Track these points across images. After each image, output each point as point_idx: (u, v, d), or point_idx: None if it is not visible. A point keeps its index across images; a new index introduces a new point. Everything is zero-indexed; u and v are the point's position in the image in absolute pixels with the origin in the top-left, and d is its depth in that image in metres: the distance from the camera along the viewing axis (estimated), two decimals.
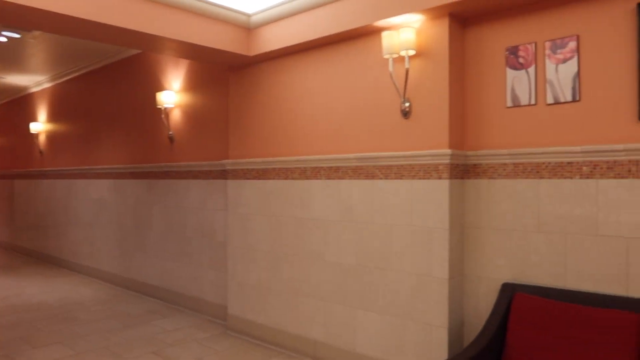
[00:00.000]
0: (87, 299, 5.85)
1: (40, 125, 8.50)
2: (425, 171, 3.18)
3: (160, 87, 5.73)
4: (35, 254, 8.75)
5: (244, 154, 4.50)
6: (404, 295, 3.28)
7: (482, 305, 3.13)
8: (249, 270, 4.42)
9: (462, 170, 3.20)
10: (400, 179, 3.32)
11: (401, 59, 3.29)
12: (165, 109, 5.57)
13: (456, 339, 3.14)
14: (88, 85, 7.28)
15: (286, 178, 4.10)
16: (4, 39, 5.84)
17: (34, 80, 8.30)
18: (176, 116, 5.55)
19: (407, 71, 3.22)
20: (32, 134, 8.64)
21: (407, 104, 3.28)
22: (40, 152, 8.58)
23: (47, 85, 8.36)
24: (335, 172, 3.73)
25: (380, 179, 3.43)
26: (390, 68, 3.28)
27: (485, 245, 3.12)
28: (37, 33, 5.60)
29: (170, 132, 5.58)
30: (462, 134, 3.23)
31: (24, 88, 8.92)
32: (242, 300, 4.48)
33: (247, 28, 4.15)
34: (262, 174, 4.30)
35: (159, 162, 5.81)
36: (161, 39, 3.71)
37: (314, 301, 3.86)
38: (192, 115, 5.34)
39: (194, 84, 5.32)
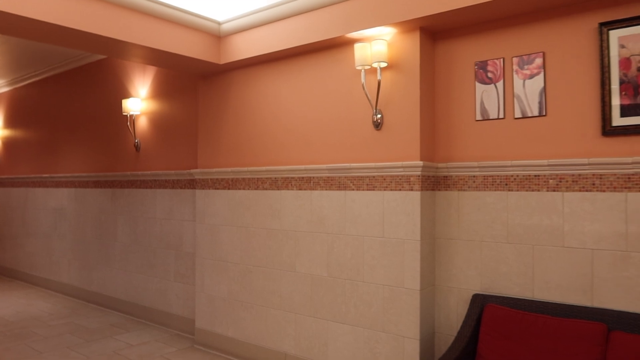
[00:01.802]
0: (45, 314, 5.61)
1: None
2: (397, 182, 3.20)
3: (126, 94, 5.59)
4: None
5: (213, 164, 4.43)
6: (376, 307, 3.28)
7: (453, 316, 3.16)
8: (218, 283, 4.33)
9: (433, 182, 3.23)
10: (372, 190, 3.32)
11: (373, 70, 3.31)
12: (131, 116, 5.43)
13: (427, 350, 3.15)
14: (49, 90, 7.04)
15: (257, 188, 4.05)
16: None
17: None
18: (142, 124, 5.42)
19: (379, 83, 3.24)
20: None
21: (379, 116, 3.30)
22: None
23: (4, 89, 8.03)
24: (306, 182, 3.71)
25: (352, 190, 3.43)
26: (363, 79, 3.30)
27: (456, 256, 3.15)
28: None
29: (136, 140, 5.45)
30: (433, 146, 3.27)
31: None
32: (211, 313, 4.39)
33: (218, 36, 4.10)
34: (232, 183, 4.24)
35: (124, 170, 5.65)
36: (128, 45, 3.62)
37: (285, 313, 3.82)
38: (160, 123, 5.22)
39: (161, 91, 5.21)
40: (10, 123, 7.97)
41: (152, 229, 5.25)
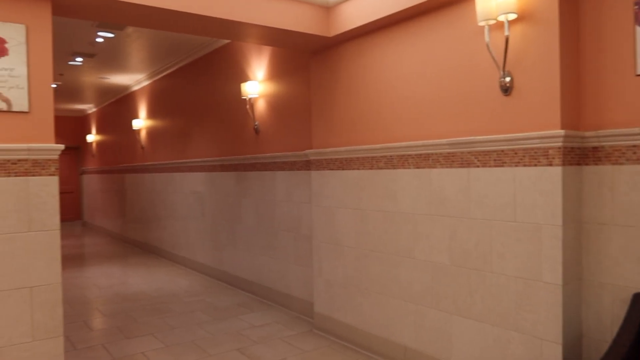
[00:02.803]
0: (182, 290, 5.99)
1: (140, 122, 8.93)
2: (531, 157, 2.69)
3: (244, 78, 5.66)
4: (141, 245, 9.27)
5: (327, 143, 4.24)
6: (507, 302, 2.83)
7: (606, 317, 2.59)
8: (335, 267, 4.17)
9: (579, 155, 2.66)
10: (501, 166, 2.85)
11: (499, 25, 2.80)
12: (250, 99, 5.48)
13: (573, 356, 2.63)
14: (180, 81, 7.47)
15: (371, 168, 3.77)
16: (100, 40, 6.10)
17: (134, 79, 8.72)
18: (261, 106, 5.44)
19: (507, 39, 2.74)
20: (134, 130, 9.11)
21: (507, 79, 2.80)
22: (142, 147, 9.02)
23: (145, 83, 8.74)
24: (424, 160, 3.34)
25: (477, 167, 2.99)
26: (487, 37, 2.81)
27: (610, 245, 2.57)
28: (130, 30, 5.76)
29: (256, 123, 5.48)
30: (577, 111, 2.68)
31: (127, 87, 9.43)
32: (329, 298, 4.25)
33: (326, 7, 3.86)
34: (345, 163, 4.02)
35: (245, 154, 5.75)
36: (240, 25, 3.55)
37: (404, 303, 3.52)
38: (276, 104, 5.18)
39: (276, 72, 5.15)
40: (151, 114, 8.67)
41: (273, 211, 5.27)
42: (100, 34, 5.85)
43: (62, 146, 2.93)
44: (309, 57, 4.50)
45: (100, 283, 6.49)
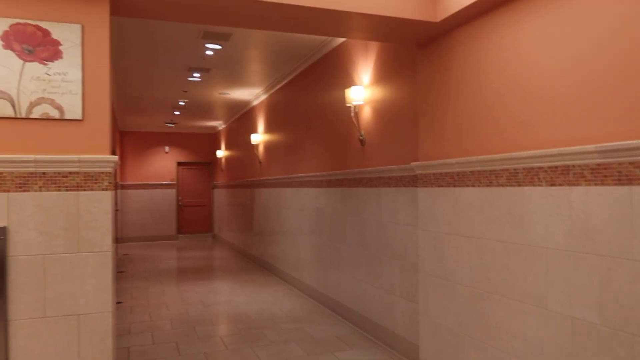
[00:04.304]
0: (283, 314, 5.55)
1: (258, 137, 8.87)
2: None
3: (350, 83, 5.10)
4: (257, 260, 9.15)
5: (435, 154, 3.48)
6: None
7: None
8: (444, 308, 3.35)
9: None
10: None
11: None
12: (355, 107, 4.89)
13: None
14: (290, 92, 7.18)
15: (489, 185, 2.93)
16: (210, 52, 6.02)
17: (252, 93, 8.69)
18: (366, 114, 4.82)
19: None
20: (253, 145, 9.07)
21: None
22: (259, 162, 8.94)
23: (263, 97, 8.66)
24: (562, 174, 2.43)
25: None
26: None
27: None
28: (235, 40, 5.57)
29: (361, 133, 4.88)
30: None
31: (248, 102, 9.48)
32: (436, 344, 3.44)
33: None
34: (457, 179, 3.21)
35: (350, 168, 5.16)
36: (334, 15, 3.03)
37: None
38: (383, 111, 4.52)
39: (383, 74, 4.50)
40: (267, 128, 8.55)
41: (378, 233, 4.58)
42: (207, 45, 5.75)
43: (115, 157, 2.62)
44: (415, 53, 3.79)
45: (207, 300, 6.36)
